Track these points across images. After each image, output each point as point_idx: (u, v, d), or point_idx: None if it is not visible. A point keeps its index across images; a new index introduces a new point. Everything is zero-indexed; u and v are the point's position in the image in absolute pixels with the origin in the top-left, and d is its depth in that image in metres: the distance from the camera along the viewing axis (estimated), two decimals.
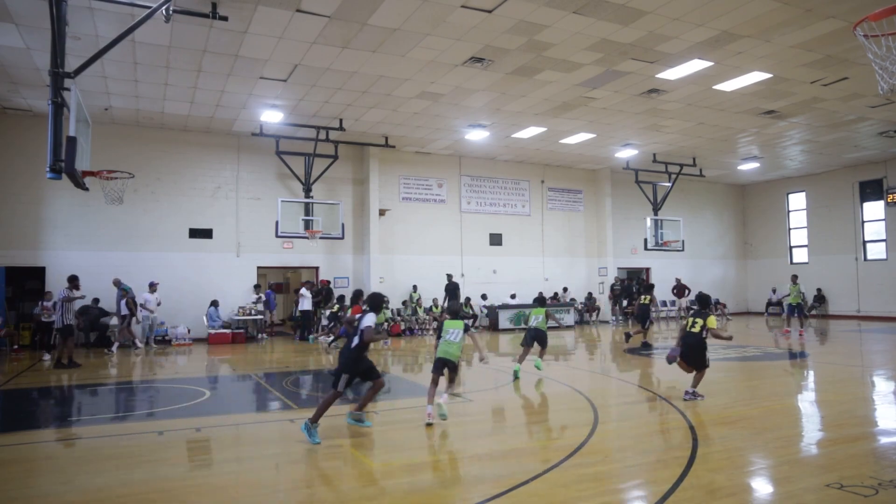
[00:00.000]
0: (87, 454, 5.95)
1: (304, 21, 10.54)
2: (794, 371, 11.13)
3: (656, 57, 12.33)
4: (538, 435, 6.83)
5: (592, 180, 24.55)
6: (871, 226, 23.74)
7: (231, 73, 13.03)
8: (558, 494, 4.57)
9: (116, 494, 4.75)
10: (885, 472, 4.97)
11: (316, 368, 12.32)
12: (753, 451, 5.82)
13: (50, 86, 7.94)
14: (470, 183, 21.90)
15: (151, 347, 15.79)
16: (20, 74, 12.91)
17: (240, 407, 8.74)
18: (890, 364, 11.83)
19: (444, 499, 4.58)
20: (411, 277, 20.33)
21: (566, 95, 14.75)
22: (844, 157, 22.08)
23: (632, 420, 7.30)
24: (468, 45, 11.70)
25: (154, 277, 16.29)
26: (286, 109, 15.66)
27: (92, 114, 11.83)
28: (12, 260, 15.86)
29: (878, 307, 22.97)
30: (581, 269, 24.11)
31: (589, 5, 10.09)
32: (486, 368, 11.41)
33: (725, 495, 4.52)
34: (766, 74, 13.34)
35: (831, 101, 15.32)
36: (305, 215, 17.11)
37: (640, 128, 17.80)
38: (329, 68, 12.78)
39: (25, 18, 10.29)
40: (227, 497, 4.69)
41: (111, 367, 12.49)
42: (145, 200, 17.16)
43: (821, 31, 11.18)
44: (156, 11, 8.78)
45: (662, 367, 11.33)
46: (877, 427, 6.91)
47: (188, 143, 17.79)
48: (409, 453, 5.87)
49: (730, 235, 28.08)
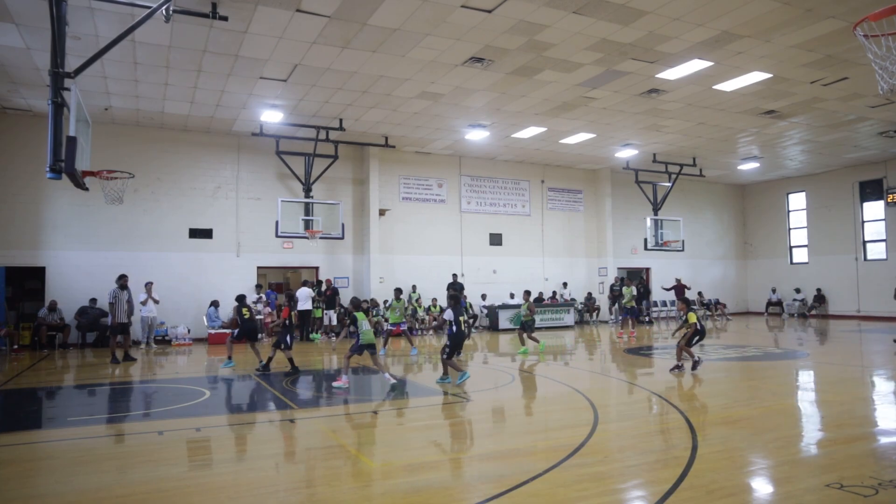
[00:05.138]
0: (87, 454, 5.94)
1: (304, 21, 10.54)
2: (794, 371, 11.13)
3: (656, 57, 12.33)
4: (538, 435, 6.82)
5: (592, 180, 24.55)
6: (871, 226, 23.75)
7: (231, 73, 13.04)
8: (558, 494, 4.57)
9: (116, 494, 4.75)
10: (885, 472, 4.97)
11: (316, 368, 12.32)
12: (753, 451, 5.82)
13: (50, 86, 7.94)
14: (470, 183, 21.90)
15: (152, 347, 15.81)
16: (20, 74, 12.91)
17: (240, 407, 8.74)
18: (890, 364, 11.83)
19: (444, 499, 4.58)
20: (411, 277, 20.33)
21: (566, 95, 14.75)
22: (844, 157, 22.08)
23: (632, 420, 7.30)
24: (468, 45, 11.70)
25: (154, 277, 16.28)
26: (286, 109, 15.66)
27: (92, 114, 11.85)
28: (12, 260, 15.86)
29: (878, 307, 22.95)
30: (581, 270, 24.11)
31: (589, 5, 10.09)
32: (485, 368, 11.41)
33: (725, 495, 4.52)
34: (766, 74, 13.34)
35: (831, 101, 15.32)
36: (305, 215, 17.11)
37: (640, 128, 17.80)
38: (329, 68, 12.78)
39: (25, 18, 10.29)
40: (227, 497, 4.69)
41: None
42: (145, 200, 17.16)
43: (821, 31, 11.18)
44: (156, 11, 8.78)
45: (662, 367, 11.33)
46: (877, 427, 6.91)
47: (188, 143, 17.80)
48: (409, 453, 5.87)
49: (730, 235, 28.08)
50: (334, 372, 11.79)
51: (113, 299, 12.77)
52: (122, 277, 13.14)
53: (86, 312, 15.99)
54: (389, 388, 9.37)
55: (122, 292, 12.91)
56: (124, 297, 12.92)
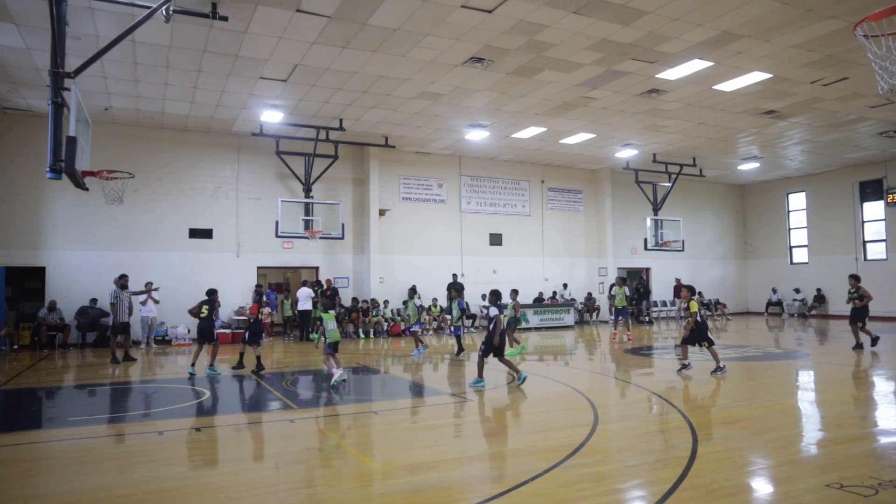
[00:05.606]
0: (87, 454, 5.94)
1: (304, 21, 10.54)
2: (794, 371, 11.13)
3: (656, 57, 12.33)
4: (538, 435, 6.82)
5: (592, 180, 24.54)
6: (871, 226, 23.74)
7: (231, 73, 13.03)
8: (558, 494, 4.57)
9: (116, 494, 4.75)
10: (885, 472, 4.97)
11: (316, 368, 12.31)
12: (753, 451, 5.82)
13: (50, 86, 7.94)
14: (470, 183, 21.90)
15: (152, 347, 15.80)
16: (20, 74, 12.91)
17: (240, 407, 8.73)
18: (890, 364, 11.83)
19: (444, 499, 4.57)
20: (411, 277, 20.28)
21: (566, 95, 14.75)
22: (844, 157, 22.08)
23: (632, 420, 7.30)
24: (468, 45, 11.70)
25: (154, 277, 16.27)
26: (286, 109, 15.66)
27: (92, 114, 11.85)
28: (12, 260, 15.86)
29: (878, 307, 22.85)
30: (581, 270, 24.11)
31: (589, 5, 10.09)
32: (485, 368, 11.38)
33: (725, 495, 4.52)
34: (766, 74, 13.34)
35: (831, 101, 15.32)
36: (305, 215, 17.10)
37: (640, 128, 17.80)
38: (329, 68, 12.77)
39: (25, 18, 10.29)
40: (227, 497, 4.69)
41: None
42: (145, 200, 17.16)
43: (821, 31, 11.17)
44: (156, 11, 8.77)
45: (662, 367, 11.33)
46: (877, 427, 6.91)
47: (188, 143, 17.79)
48: (409, 453, 5.86)
49: (730, 235, 28.08)
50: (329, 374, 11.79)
51: (114, 299, 12.86)
52: (123, 277, 13.25)
53: (86, 312, 15.99)
54: (333, 384, 9.19)
55: (123, 292, 13.00)
56: (125, 297, 13.00)
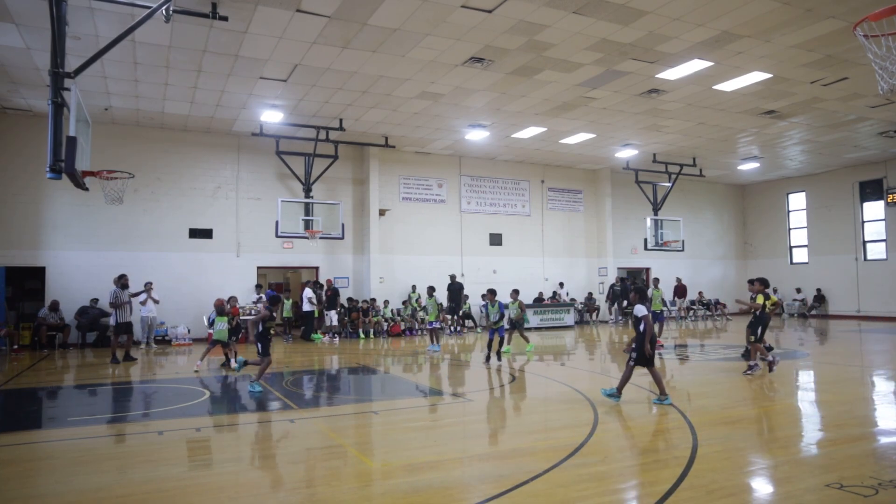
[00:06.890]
0: (87, 454, 5.94)
1: (304, 21, 10.54)
2: (794, 371, 11.12)
3: (656, 57, 12.33)
4: (538, 435, 6.82)
5: (592, 180, 24.54)
6: (871, 226, 23.74)
7: (231, 73, 13.03)
8: (558, 494, 4.57)
9: (116, 494, 4.75)
10: (885, 472, 4.97)
11: (317, 368, 12.32)
12: (753, 451, 5.82)
13: (50, 86, 7.94)
14: (470, 183, 21.90)
15: (152, 347, 15.80)
16: (20, 74, 12.91)
17: (240, 407, 8.73)
18: (890, 364, 11.83)
19: (444, 499, 4.57)
20: (411, 277, 20.33)
21: (566, 95, 14.75)
22: (844, 157, 22.08)
23: (632, 420, 7.29)
24: (468, 45, 11.70)
25: (154, 277, 16.26)
26: (286, 109, 15.66)
27: (92, 114, 11.85)
28: (12, 260, 15.86)
29: (878, 307, 22.97)
30: (581, 270, 24.11)
31: (589, 5, 10.09)
32: (485, 368, 11.40)
33: (725, 495, 4.52)
34: (766, 74, 13.34)
35: (831, 101, 15.32)
36: (305, 215, 17.11)
37: (640, 128, 17.80)
38: (329, 68, 12.77)
39: (25, 18, 10.29)
40: (227, 497, 4.69)
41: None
42: (145, 200, 17.16)
43: (821, 31, 11.17)
44: (156, 11, 8.78)
45: (662, 367, 11.31)
46: (877, 427, 6.91)
47: (188, 143, 17.79)
48: (409, 453, 5.86)
49: (730, 235, 28.08)
50: (334, 372, 11.80)
51: (115, 299, 12.85)
52: (123, 277, 13.24)
53: (86, 312, 15.99)
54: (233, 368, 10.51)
55: (124, 292, 13.01)
56: (126, 297, 13.02)
